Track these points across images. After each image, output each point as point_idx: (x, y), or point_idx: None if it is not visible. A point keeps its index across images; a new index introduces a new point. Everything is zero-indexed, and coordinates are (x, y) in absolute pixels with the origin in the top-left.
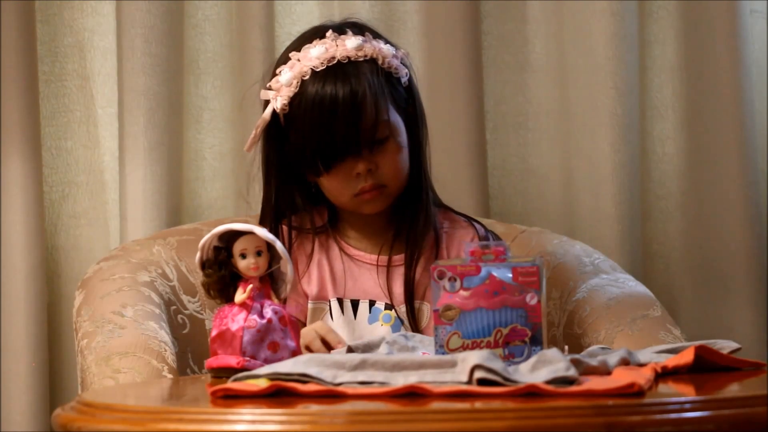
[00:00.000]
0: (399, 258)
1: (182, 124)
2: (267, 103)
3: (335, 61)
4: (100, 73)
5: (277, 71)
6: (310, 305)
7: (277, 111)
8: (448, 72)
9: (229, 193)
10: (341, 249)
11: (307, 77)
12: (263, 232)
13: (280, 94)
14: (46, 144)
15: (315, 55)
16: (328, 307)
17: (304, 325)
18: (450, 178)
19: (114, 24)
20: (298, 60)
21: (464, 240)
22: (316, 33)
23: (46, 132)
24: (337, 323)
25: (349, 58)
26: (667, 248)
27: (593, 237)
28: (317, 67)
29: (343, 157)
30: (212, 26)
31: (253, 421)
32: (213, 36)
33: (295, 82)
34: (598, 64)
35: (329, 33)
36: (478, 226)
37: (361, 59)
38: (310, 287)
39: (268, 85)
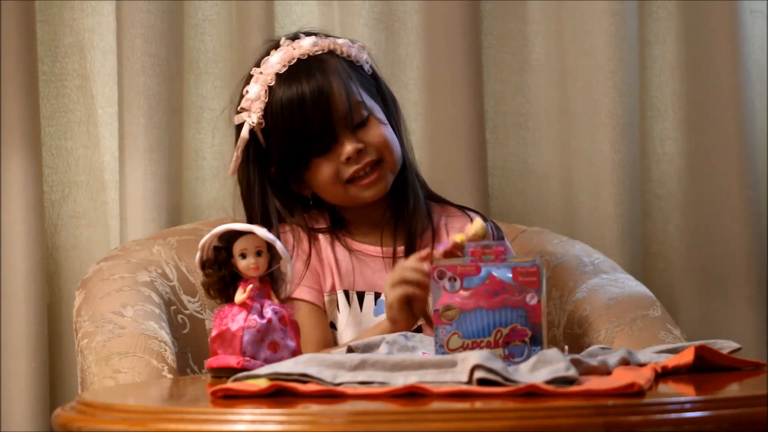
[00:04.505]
0: (402, 250)
1: (182, 124)
2: (242, 126)
3: (295, 60)
4: (100, 73)
5: (244, 92)
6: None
7: (254, 128)
8: (448, 72)
9: (229, 193)
10: (346, 245)
11: (273, 83)
12: (263, 232)
13: (252, 110)
14: (46, 144)
15: (275, 61)
16: (336, 300)
17: (324, 314)
18: (450, 178)
19: (114, 24)
20: (261, 73)
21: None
22: (271, 46)
23: (46, 132)
24: (344, 315)
25: (308, 54)
26: (667, 248)
27: (593, 237)
28: (280, 71)
29: (323, 144)
30: (212, 26)
31: (253, 421)
32: (213, 36)
33: (263, 93)
34: (598, 64)
35: (282, 40)
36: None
37: (320, 53)
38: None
39: (239, 108)
